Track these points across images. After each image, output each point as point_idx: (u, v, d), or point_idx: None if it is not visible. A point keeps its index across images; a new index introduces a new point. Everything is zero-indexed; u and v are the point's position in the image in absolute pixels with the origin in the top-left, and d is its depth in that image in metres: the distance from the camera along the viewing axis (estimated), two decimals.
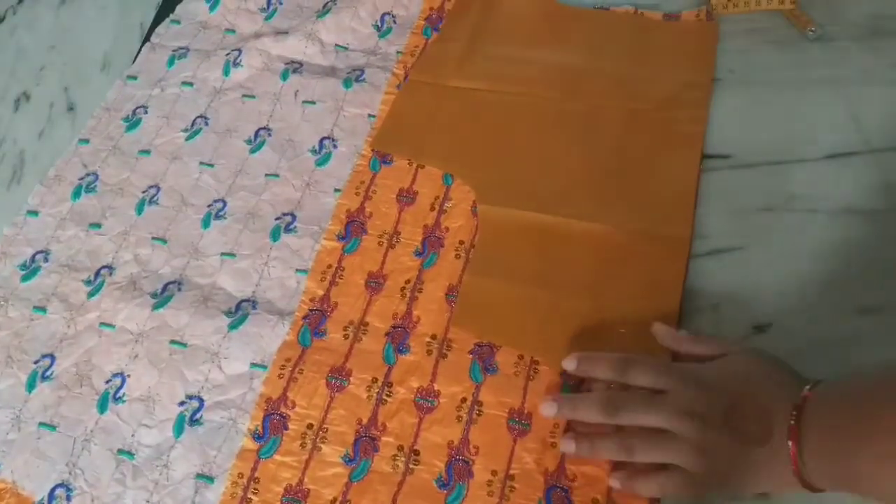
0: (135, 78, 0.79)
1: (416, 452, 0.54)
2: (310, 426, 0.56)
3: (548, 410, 0.52)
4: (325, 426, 0.56)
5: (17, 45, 0.83)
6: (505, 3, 0.78)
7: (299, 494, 0.53)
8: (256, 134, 0.73)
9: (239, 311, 0.62)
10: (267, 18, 0.82)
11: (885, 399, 0.42)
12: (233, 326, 0.61)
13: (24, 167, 0.75)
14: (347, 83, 0.74)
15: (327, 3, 0.81)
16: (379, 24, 0.79)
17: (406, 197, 0.66)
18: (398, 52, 0.76)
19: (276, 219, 0.67)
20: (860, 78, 0.67)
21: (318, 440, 0.55)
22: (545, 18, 0.77)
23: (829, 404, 0.45)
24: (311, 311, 0.61)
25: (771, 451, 0.46)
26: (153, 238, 0.67)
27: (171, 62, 0.79)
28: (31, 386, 0.61)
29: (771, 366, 0.49)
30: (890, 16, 0.71)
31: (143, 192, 0.70)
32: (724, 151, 0.65)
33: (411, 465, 0.53)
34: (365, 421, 0.56)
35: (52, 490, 0.56)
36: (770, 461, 0.46)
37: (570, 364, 0.53)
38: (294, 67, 0.76)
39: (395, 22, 0.79)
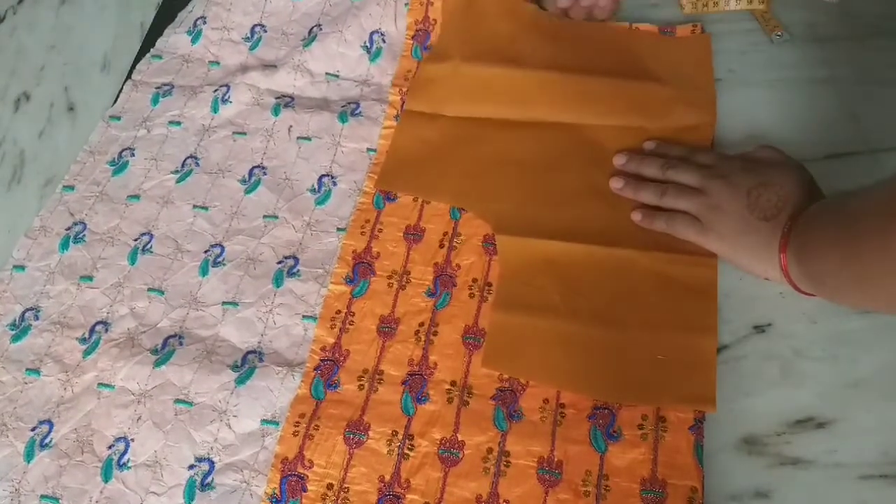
0: (118, 118, 0.76)
1: None
2: (329, 486, 0.53)
3: (615, 184, 0.62)
4: (345, 486, 0.53)
5: (17, 45, 0.82)
6: (492, 18, 0.75)
7: None
8: (251, 173, 0.70)
9: (245, 365, 0.59)
10: (252, 48, 0.79)
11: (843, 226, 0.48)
12: (240, 381, 0.58)
13: (24, 167, 0.73)
14: (343, 117, 0.71)
15: (312, 28, 0.78)
16: (368, 44, 0.76)
17: (413, 234, 0.64)
18: (391, 82, 0.74)
19: (278, 263, 0.64)
20: (860, 78, 0.68)
21: (339, 501, 0.52)
22: (538, 33, 0.74)
23: (817, 220, 0.51)
24: (322, 360, 0.58)
25: (772, 234, 0.53)
26: (149, 289, 0.64)
27: (155, 100, 0.76)
28: (29, 455, 0.57)
29: (802, 169, 0.56)
30: (890, 16, 0.71)
31: (135, 240, 0.67)
32: (724, 151, 0.64)
33: None
34: (387, 478, 0.53)
35: None
36: (768, 244, 0.53)
37: (619, 160, 0.63)
38: (285, 101, 0.73)
39: (384, 41, 0.76)
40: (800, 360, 0.55)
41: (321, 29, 0.78)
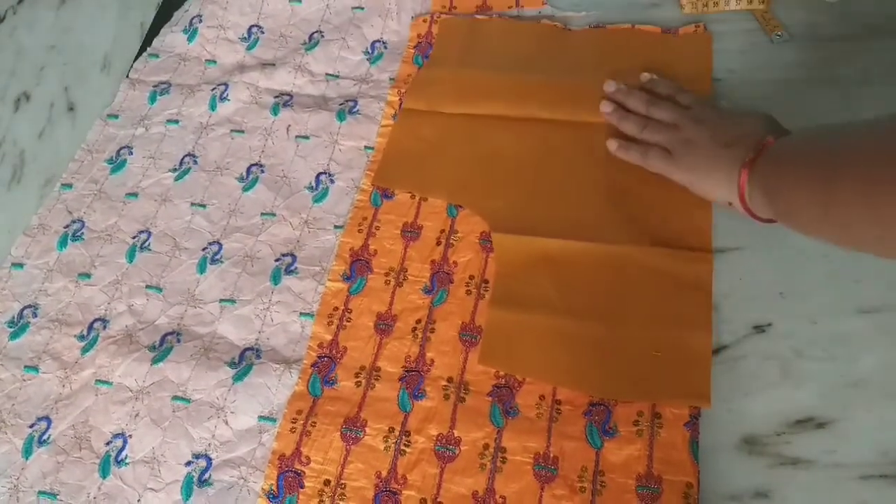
0: (116, 116, 0.76)
1: None
2: (327, 482, 0.53)
3: (605, 108, 0.66)
4: (342, 482, 0.53)
5: (17, 45, 0.82)
6: (493, 26, 0.76)
7: None
8: (248, 171, 0.70)
9: (243, 362, 0.59)
10: (249, 48, 0.79)
11: (817, 162, 0.48)
12: (237, 378, 0.58)
13: (24, 167, 0.74)
14: (341, 116, 0.72)
15: (313, 34, 0.78)
16: (369, 50, 0.76)
17: (410, 231, 0.64)
18: (390, 80, 0.74)
19: (276, 260, 0.64)
20: (860, 78, 0.67)
21: (336, 497, 0.53)
22: (537, 38, 0.74)
23: (789, 152, 0.52)
24: (319, 357, 0.58)
25: (733, 159, 0.55)
26: (147, 286, 0.64)
27: (152, 98, 0.76)
28: (27, 452, 0.57)
29: (772, 118, 0.57)
30: (890, 16, 0.71)
31: (133, 237, 0.67)
32: None
33: None
34: (384, 474, 0.53)
35: None
36: (728, 169, 0.55)
37: (609, 87, 0.67)
38: (284, 100, 0.74)
39: (385, 47, 0.77)
40: (800, 360, 0.54)
41: (323, 35, 0.78)
